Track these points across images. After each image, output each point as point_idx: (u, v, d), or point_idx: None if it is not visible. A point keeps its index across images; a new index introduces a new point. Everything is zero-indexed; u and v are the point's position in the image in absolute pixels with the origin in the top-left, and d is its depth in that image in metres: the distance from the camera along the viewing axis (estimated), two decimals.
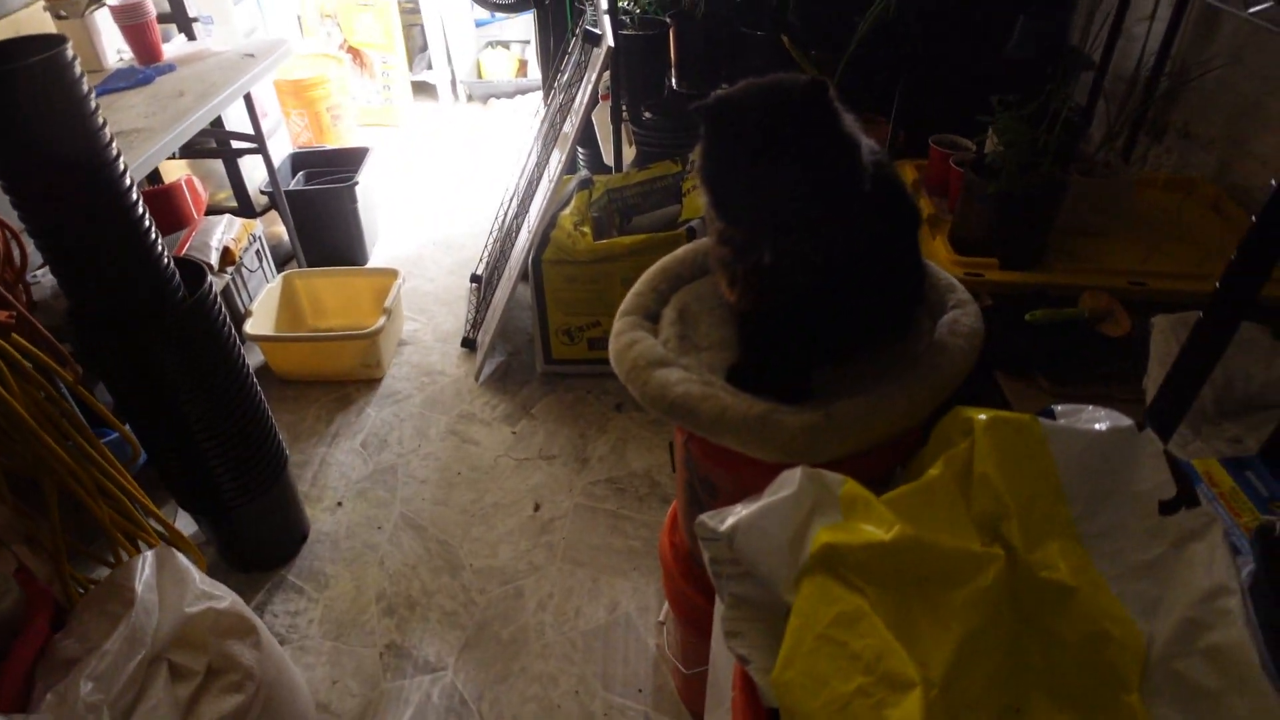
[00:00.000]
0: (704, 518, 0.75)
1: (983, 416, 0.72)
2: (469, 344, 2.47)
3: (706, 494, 1.03)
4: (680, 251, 1.11)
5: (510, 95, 4.51)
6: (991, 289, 1.52)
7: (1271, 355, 1.33)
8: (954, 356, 0.89)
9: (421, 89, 4.54)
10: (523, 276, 2.18)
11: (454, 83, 4.51)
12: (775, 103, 0.75)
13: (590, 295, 2.12)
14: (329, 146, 3.46)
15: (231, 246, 2.29)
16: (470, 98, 4.57)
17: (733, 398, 0.85)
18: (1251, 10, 1.47)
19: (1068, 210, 1.57)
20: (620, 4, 2.26)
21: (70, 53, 1.19)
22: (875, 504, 0.70)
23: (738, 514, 0.73)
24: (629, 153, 2.69)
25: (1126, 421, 0.71)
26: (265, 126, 2.70)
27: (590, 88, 2.11)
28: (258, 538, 1.79)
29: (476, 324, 2.49)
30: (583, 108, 2.12)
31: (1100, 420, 0.71)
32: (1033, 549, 0.69)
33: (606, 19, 2.10)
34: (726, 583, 0.75)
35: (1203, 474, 0.82)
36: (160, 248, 1.40)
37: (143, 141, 1.80)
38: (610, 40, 1.98)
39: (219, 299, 1.52)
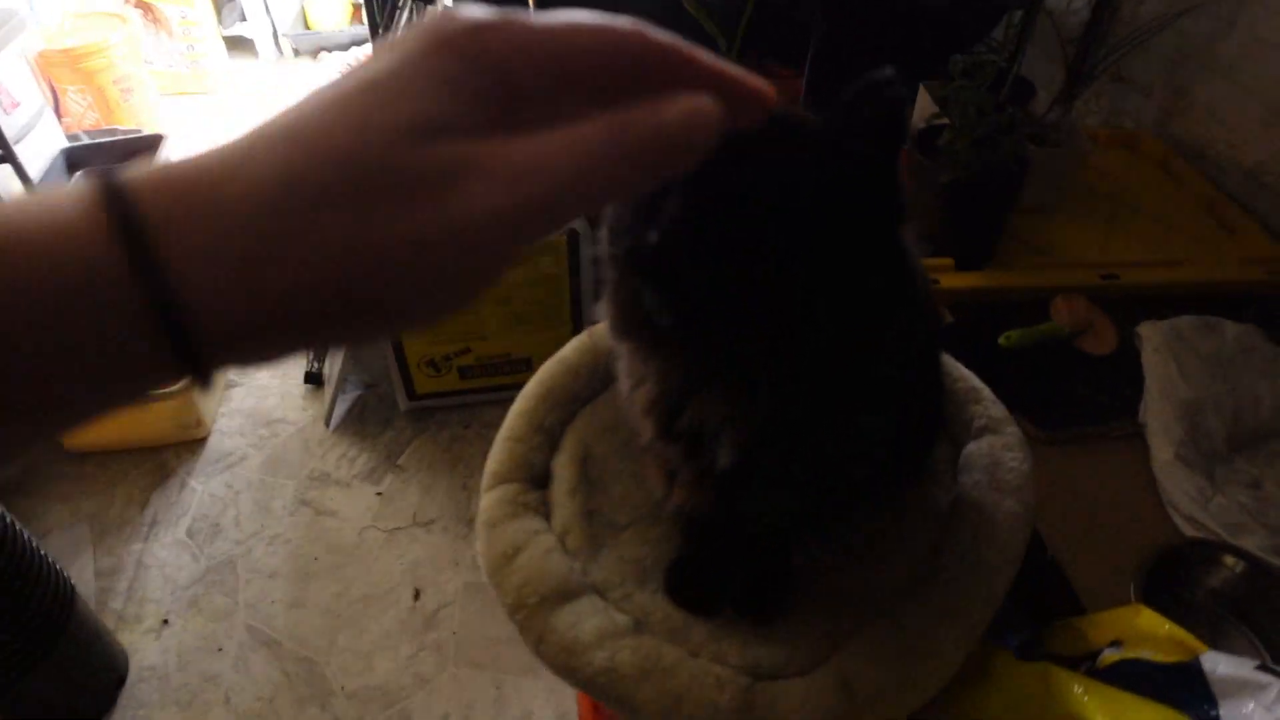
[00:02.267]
0: None
1: None
2: (314, 379, 2.04)
3: None
4: (569, 352, 0.75)
5: (345, 46, 3.91)
6: (949, 298, 1.26)
7: (1274, 366, 1.13)
8: (1007, 534, 0.59)
9: (237, 45, 3.87)
10: None
11: (276, 36, 3.87)
12: (811, 169, 0.37)
13: (457, 320, 1.73)
14: (121, 131, 2.83)
15: None
16: (297, 52, 3.93)
17: (689, 666, 0.53)
18: None
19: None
20: None
21: None
22: None
23: None
24: None
25: None
26: (17, 122, 2.12)
27: None
28: (54, 699, 1.36)
29: (320, 354, 2.06)
30: None
31: None
32: None
33: None
34: None
35: None
36: None
37: None
38: None
39: None
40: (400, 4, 2.02)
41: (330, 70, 3.73)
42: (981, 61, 1.18)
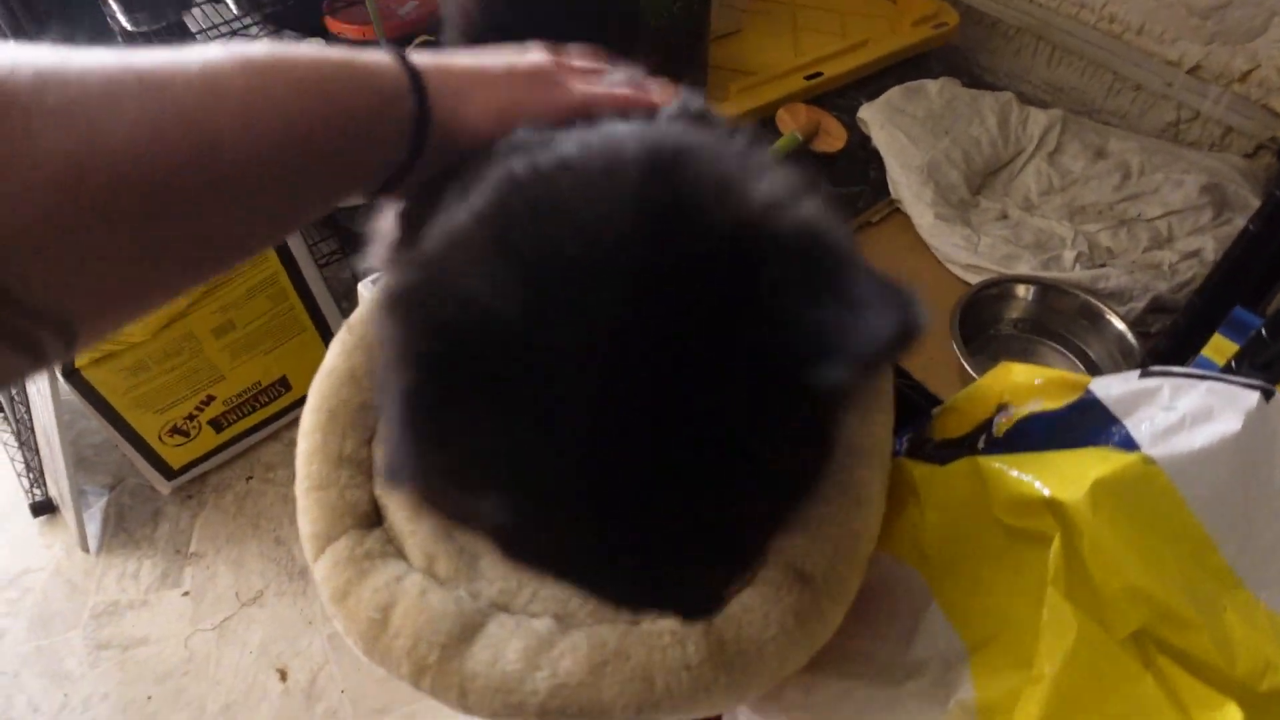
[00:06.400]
0: None
1: (1083, 487, 0.41)
2: (45, 508, 1.69)
3: None
4: (335, 360, 0.61)
5: None
6: None
7: (976, 107, 1.23)
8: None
9: None
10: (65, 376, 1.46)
11: None
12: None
13: (180, 373, 1.48)
14: None
15: None
16: None
17: (638, 636, 0.46)
18: None
19: None
20: None
21: None
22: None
23: None
24: None
25: (1251, 399, 0.43)
26: None
27: None
28: None
29: (36, 472, 1.70)
30: None
31: (1215, 415, 0.43)
32: (1228, 645, 0.42)
33: None
34: None
35: (1220, 363, 0.60)
36: None
37: None
38: None
39: None
40: None
41: None
42: None
